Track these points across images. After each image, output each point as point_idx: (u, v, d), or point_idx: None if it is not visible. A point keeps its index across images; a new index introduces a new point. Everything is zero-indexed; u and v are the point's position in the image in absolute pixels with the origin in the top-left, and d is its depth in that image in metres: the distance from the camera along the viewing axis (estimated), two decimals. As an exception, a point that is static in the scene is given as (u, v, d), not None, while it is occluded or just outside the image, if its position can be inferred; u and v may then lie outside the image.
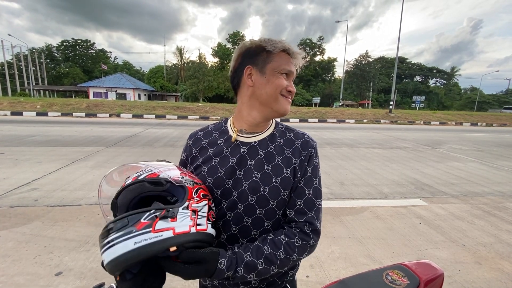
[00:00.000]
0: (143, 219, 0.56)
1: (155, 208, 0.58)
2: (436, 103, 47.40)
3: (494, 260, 2.32)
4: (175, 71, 44.05)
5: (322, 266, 2.17)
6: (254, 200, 0.74)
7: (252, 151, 0.78)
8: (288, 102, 0.77)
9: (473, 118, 21.45)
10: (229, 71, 0.82)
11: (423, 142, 9.43)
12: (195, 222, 0.62)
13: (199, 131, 0.87)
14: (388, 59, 51.53)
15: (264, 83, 0.73)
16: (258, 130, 0.80)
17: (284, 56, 0.74)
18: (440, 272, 0.86)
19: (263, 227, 0.76)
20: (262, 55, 0.74)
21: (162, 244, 0.56)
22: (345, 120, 17.86)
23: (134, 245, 0.53)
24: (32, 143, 6.60)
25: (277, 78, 0.73)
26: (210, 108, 18.47)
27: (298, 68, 0.79)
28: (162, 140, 7.79)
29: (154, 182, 0.63)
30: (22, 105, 15.33)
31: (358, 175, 4.84)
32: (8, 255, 2.14)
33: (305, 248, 0.71)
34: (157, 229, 0.56)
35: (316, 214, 0.75)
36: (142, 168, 0.66)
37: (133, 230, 0.55)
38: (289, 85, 0.75)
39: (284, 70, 0.73)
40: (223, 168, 0.76)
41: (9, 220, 2.73)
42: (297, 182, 0.76)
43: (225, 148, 0.79)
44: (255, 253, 0.68)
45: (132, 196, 0.65)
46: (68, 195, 3.42)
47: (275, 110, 0.76)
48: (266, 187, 0.74)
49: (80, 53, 53.11)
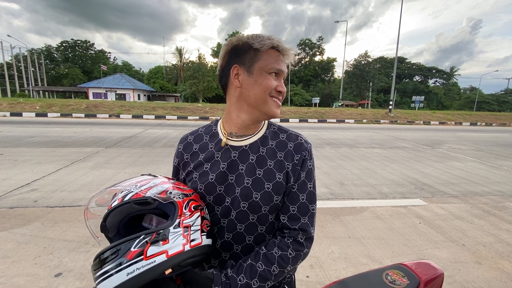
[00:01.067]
0: (133, 247, 0.54)
1: (144, 233, 0.56)
2: (436, 103, 47.45)
3: (494, 260, 2.32)
4: (175, 72, 44.11)
5: (322, 266, 2.16)
6: (246, 206, 0.72)
7: (243, 155, 0.75)
8: (278, 105, 0.73)
9: (473, 118, 21.48)
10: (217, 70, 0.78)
11: (423, 142, 9.44)
12: (188, 239, 0.60)
13: (189, 135, 0.84)
14: (387, 59, 51.62)
15: (252, 83, 0.69)
16: (248, 133, 0.77)
17: (273, 53, 0.69)
18: (440, 272, 0.86)
19: (256, 232, 0.74)
20: (250, 53, 0.69)
21: (156, 271, 0.54)
22: (344, 120, 17.87)
23: (127, 276, 0.52)
24: (32, 144, 6.59)
25: (265, 79, 0.69)
26: (209, 109, 18.47)
27: (290, 65, 0.75)
28: (161, 141, 7.79)
29: (141, 203, 0.61)
30: (22, 106, 15.32)
31: (358, 175, 4.84)
32: (8, 256, 2.14)
33: (298, 258, 0.71)
34: (149, 256, 0.54)
35: (310, 220, 0.73)
36: (126, 188, 0.62)
37: (124, 261, 0.53)
38: (278, 85, 0.71)
39: (272, 69, 0.69)
40: (214, 173, 0.74)
41: (9, 221, 2.73)
42: (290, 187, 0.73)
43: (215, 153, 0.76)
44: (249, 273, 0.66)
45: (121, 217, 0.63)
46: (67, 196, 3.41)
47: (264, 112, 0.72)
48: (258, 193, 0.71)
49: (80, 53, 53.16)
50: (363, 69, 43.42)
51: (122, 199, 0.60)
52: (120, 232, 0.66)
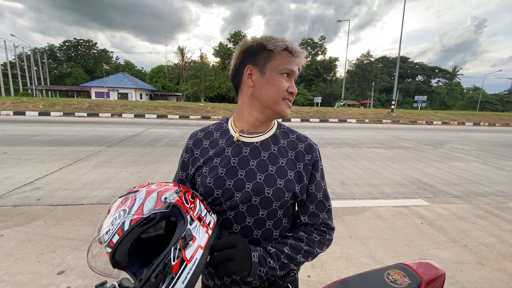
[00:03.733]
0: (173, 261, 0.55)
1: (172, 246, 0.56)
2: (438, 102, 47.23)
3: (496, 261, 2.31)
4: (177, 71, 44.15)
5: (324, 266, 2.16)
6: (257, 201, 0.73)
7: (254, 151, 0.77)
8: (288, 105, 0.76)
9: (476, 118, 21.34)
10: (230, 69, 0.80)
11: (425, 142, 9.39)
12: (206, 225, 0.64)
13: (199, 131, 0.85)
14: (390, 59, 51.38)
15: (264, 84, 0.72)
16: (260, 130, 0.80)
17: (285, 55, 0.72)
18: (441, 272, 0.86)
19: (264, 227, 0.76)
20: (263, 54, 0.72)
21: (201, 264, 0.59)
22: (346, 120, 17.82)
23: (183, 284, 0.55)
24: (35, 142, 6.63)
25: (277, 80, 0.72)
26: (211, 108, 18.49)
27: (301, 68, 0.77)
28: (163, 140, 7.81)
29: (145, 223, 0.57)
30: (25, 105, 15.42)
31: (360, 175, 4.83)
32: (11, 254, 2.16)
33: (323, 242, 0.77)
34: (189, 258, 0.58)
35: (328, 215, 0.80)
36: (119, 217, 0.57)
37: (173, 275, 0.55)
38: (290, 86, 0.74)
39: (285, 69, 0.72)
40: (224, 168, 0.75)
41: (12, 219, 2.75)
42: (306, 188, 0.77)
43: (226, 148, 0.78)
44: (279, 244, 0.73)
45: (129, 245, 0.59)
46: (70, 195, 3.44)
47: (276, 112, 0.76)
48: (270, 189, 0.73)
49: (82, 53, 53.34)
50: (365, 69, 43.26)
51: (121, 231, 0.56)
52: (131, 255, 0.62)
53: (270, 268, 0.68)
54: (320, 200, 0.79)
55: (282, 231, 0.78)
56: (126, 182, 4.01)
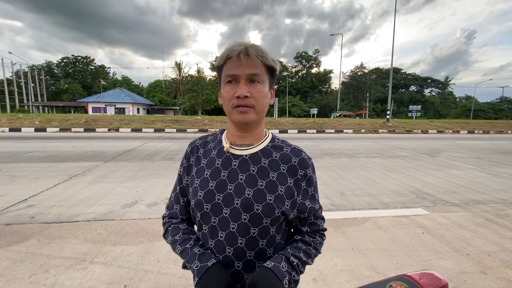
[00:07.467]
0: None
1: None
2: (432, 112, 47.97)
3: (499, 269, 2.28)
4: (174, 86, 44.62)
5: (325, 279, 2.12)
6: (247, 218, 0.70)
7: (243, 165, 0.75)
8: (241, 112, 0.69)
9: (470, 126, 21.63)
10: None
11: (422, 150, 9.46)
12: None
13: (198, 139, 0.87)
14: (383, 70, 52.55)
15: (221, 100, 0.75)
16: (247, 142, 0.78)
17: (230, 63, 0.69)
18: (444, 282, 0.85)
19: (257, 247, 0.73)
20: (219, 72, 0.74)
21: None
22: (343, 130, 17.95)
23: None
24: (30, 159, 6.56)
25: (223, 92, 0.72)
26: (208, 121, 18.57)
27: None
28: (160, 154, 7.78)
29: None
30: (21, 121, 15.37)
31: (358, 185, 4.82)
32: (3, 275, 2.09)
33: (322, 244, 0.84)
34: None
35: (323, 220, 0.86)
36: None
37: None
38: (236, 92, 0.68)
39: (227, 77, 0.70)
40: (214, 181, 0.74)
41: (5, 238, 2.68)
42: (296, 203, 0.76)
43: (217, 160, 0.78)
44: (295, 249, 0.75)
45: None
46: (65, 211, 3.37)
47: (233, 122, 0.75)
48: (259, 205, 0.70)
49: (80, 69, 53.94)
50: (360, 80, 44.13)
51: None
52: None
53: (294, 281, 0.71)
54: (316, 211, 0.83)
55: (276, 249, 0.76)
56: (123, 197, 3.95)
